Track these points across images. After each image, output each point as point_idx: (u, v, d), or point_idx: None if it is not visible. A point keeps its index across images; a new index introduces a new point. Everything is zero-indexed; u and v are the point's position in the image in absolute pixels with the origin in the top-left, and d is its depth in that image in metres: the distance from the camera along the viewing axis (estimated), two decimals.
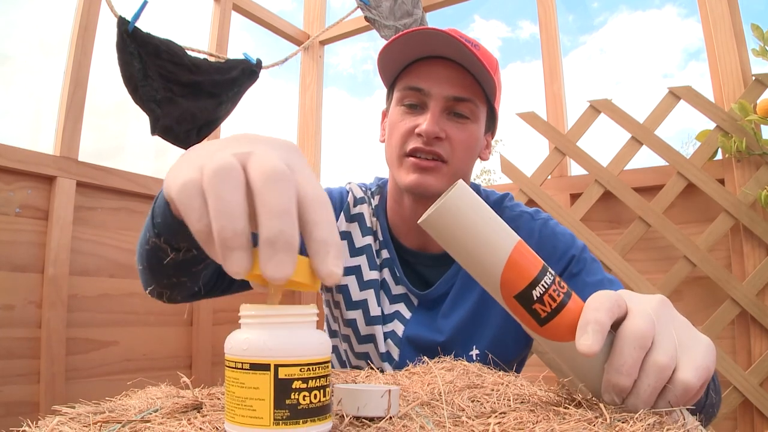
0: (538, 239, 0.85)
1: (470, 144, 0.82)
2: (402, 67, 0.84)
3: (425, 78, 0.81)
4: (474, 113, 0.82)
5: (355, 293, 0.89)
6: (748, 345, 1.41)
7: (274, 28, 2.21)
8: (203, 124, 1.63)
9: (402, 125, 0.81)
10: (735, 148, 1.44)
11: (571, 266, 0.83)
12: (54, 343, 1.36)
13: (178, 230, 0.52)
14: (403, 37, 0.79)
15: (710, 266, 1.45)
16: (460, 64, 0.80)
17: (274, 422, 0.32)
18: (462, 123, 0.81)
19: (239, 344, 0.34)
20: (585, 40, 25.44)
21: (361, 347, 0.89)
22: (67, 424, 0.38)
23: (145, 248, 0.59)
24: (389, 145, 0.84)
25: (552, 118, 1.78)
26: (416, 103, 0.82)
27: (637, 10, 25.12)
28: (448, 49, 0.79)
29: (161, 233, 0.54)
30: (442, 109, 0.80)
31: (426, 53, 0.81)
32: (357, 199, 0.93)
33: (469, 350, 0.83)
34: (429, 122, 0.78)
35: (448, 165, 0.80)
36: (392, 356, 0.86)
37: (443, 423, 0.38)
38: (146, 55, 1.48)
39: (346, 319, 0.90)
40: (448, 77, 0.80)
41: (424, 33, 0.78)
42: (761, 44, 1.43)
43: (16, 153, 1.34)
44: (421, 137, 0.78)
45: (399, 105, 0.84)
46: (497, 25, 25.31)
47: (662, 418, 0.38)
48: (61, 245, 1.40)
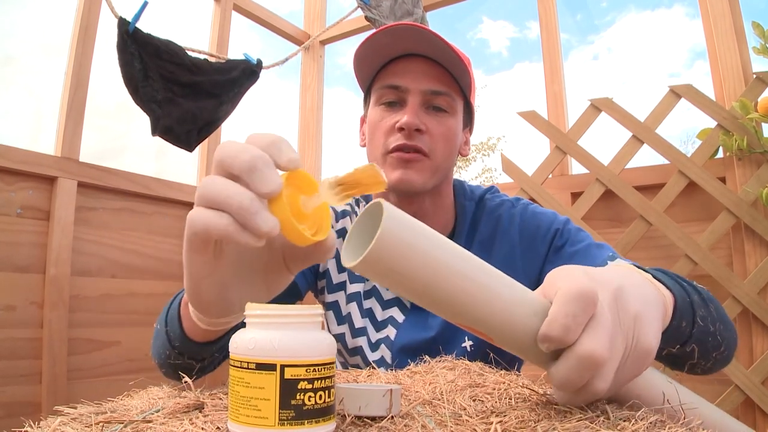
0: (520, 223, 0.86)
1: (450, 137, 0.83)
2: (378, 67, 0.84)
3: (402, 75, 0.81)
4: (452, 107, 0.83)
5: (343, 308, 0.90)
6: (749, 343, 1.41)
7: (275, 27, 2.21)
8: (204, 125, 1.63)
9: (383, 123, 0.82)
10: (736, 146, 1.44)
11: (556, 240, 0.84)
12: (56, 343, 1.36)
13: (199, 350, 0.56)
14: (376, 36, 0.79)
15: (711, 265, 1.44)
16: (435, 60, 0.80)
17: (279, 422, 0.32)
18: (441, 116, 0.82)
19: (245, 344, 0.34)
20: (593, 40, 25.39)
21: (352, 360, 0.90)
22: (69, 425, 0.38)
23: (167, 362, 0.60)
24: (371, 145, 0.84)
25: (553, 117, 1.78)
26: (395, 101, 0.82)
27: (646, 9, 25.07)
28: (422, 45, 0.79)
29: (183, 353, 0.57)
30: (420, 103, 0.80)
31: (400, 51, 0.81)
32: (338, 213, 0.93)
33: (462, 342, 0.83)
34: (409, 114, 0.78)
35: (430, 159, 0.80)
36: (386, 361, 0.85)
37: (445, 422, 0.38)
38: (147, 56, 1.48)
39: (334, 334, 0.90)
40: (425, 72, 0.80)
41: (398, 30, 0.78)
42: (762, 42, 1.43)
43: (18, 154, 1.34)
44: (403, 131, 0.79)
45: (377, 105, 0.84)
46: (505, 25, 25.27)
47: (663, 417, 0.38)
48: (62, 246, 1.40)
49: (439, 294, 0.38)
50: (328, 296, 0.91)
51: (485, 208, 0.90)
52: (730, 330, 0.63)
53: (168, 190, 1.70)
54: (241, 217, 0.36)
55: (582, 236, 0.84)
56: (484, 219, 0.88)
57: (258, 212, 0.36)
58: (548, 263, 0.84)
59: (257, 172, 0.36)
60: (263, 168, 0.36)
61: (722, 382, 1.37)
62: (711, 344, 0.57)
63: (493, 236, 0.87)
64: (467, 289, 0.38)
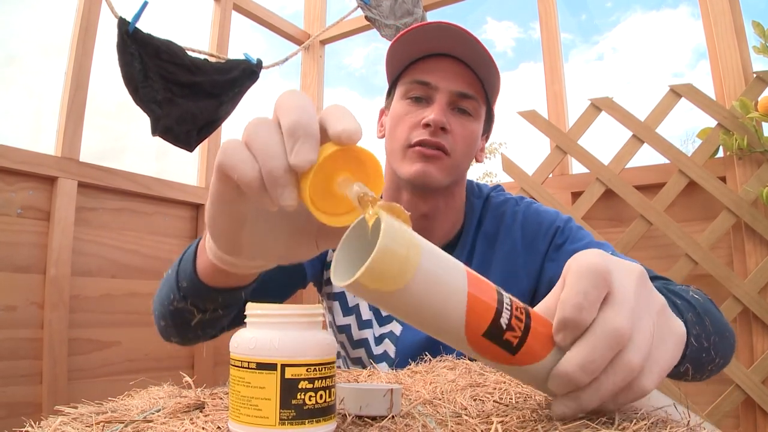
0: (522, 220, 0.87)
1: (471, 141, 0.83)
2: (410, 61, 0.85)
3: (433, 72, 0.81)
4: (476, 111, 0.83)
5: (350, 299, 0.90)
6: (750, 343, 1.41)
7: (275, 27, 2.21)
8: (204, 125, 1.63)
9: (408, 117, 0.82)
10: (736, 145, 1.44)
11: (556, 237, 0.84)
12: (56, 343, 1.36)
13: (206, 295, 0.54)
14: (415, 30, 0.80)
15: (712, 264, 1.44)
16: (466, 64, 0.81)
17: (279, 422, 0.32)
18: (464, 119, 0.82)
19: (246, 343, 0.34)
20: (597, 40, 25.40)
21: (355, 352, 0.90)
22: (69, 425, 0.38)
23: (169, 309, 0.59)
24: (392, 137, 0.84)
25: (553, 116, 1.78)
26: (422, 97, 0.82)
27: (651, 9, 25.08)
28: (460, 47, 0.79)
29: (188, 296, 0.55)
30: (447, 103, 0.81)
31: (436, 50, 0.82)
32: None
33: None
34: (437, 112, 0.78)
35: (450, 158, 0.81)
36: (389, 355, 0.86)
37: (445, 422, 0.38)
38: (147, 56, 1.48)
39: (339, 325, 0.90)
40: (456, 73, 0.81)
41: (438, 27, 0.78)
42: (762, 41, 1.43)
43: (18, 154, 1.34)
44: (428, 128, 0.79)
45: (404, 98, 0.84)
46: (510, 25, 25.31)
47: (665, 417, 0.38)
48: (62, 246, 1.40)
49: (435, 317, 0.34)
50: (335, 286, 0.90)
51: (490, 204, 0.91)
52: (725, 339, 0.62)
53: (168, 190, 1.70)
54: (268, 181, 0.35)
55: (583, 234, 0.84)
56: (489, 215, 0.90)
57: (284, 186, 0.35)
58: (548, 260, 0.84)
59: (292, 138, 0.34)
60: (302, 138, 0.34)
61: (722, 381, 1.37)
62: (705, 359, 0.57)
63: (496, 232, 0.88)
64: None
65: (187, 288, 0.55)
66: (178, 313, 0.58)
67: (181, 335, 0.64)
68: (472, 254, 0.88)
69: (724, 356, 0.61)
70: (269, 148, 0.35)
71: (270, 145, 0.35)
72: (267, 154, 0.35)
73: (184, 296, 0.56)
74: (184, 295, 0.56)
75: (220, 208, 0.41)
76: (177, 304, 0.57)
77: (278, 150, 0.35)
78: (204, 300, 0.55)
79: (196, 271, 0.53)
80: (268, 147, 0.35)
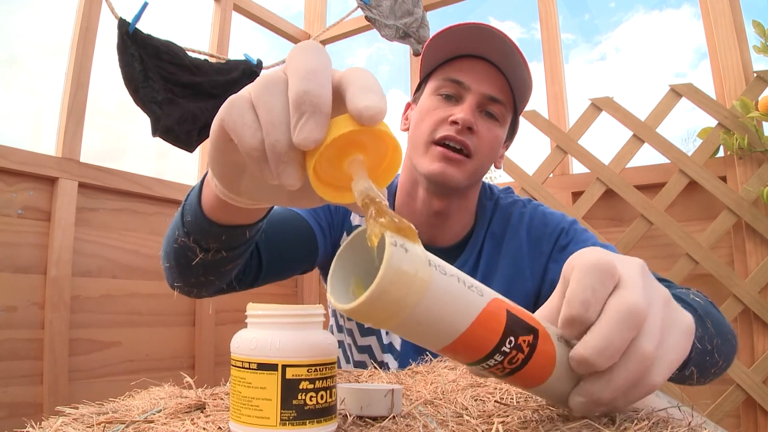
0: (528, 222, 0.88)
1: (494, 145, 0.84)
2: (447, 58, 0.85)
3: (467, 73, 0.82)
4: (503, 117, 0.84)
5: None
6: (751, 342, 1.40)
7: (275, 28, 2.21)
8: (204, 125, 1.63)
9: (436, 113, 0.82)
10: (737, 145, 1.44)
11: (561, 239, 0.85)
12: (57, 344, 1.36)
13: (208, 230, 0.53)
14: (456, 29, 0.80)
15: (712, 264, 1.44)
16: (500, 69, 0.81)
17: (280, 422, 0.32)
18: (491, 123, 0.83)
19: (247, 344, 0.34)
20: (600, 40, 25.36)
21: (364, 340, 0.90)
22: (70, 425, 0.38)
23: (173, 246, 0.59)
24: (417, 131, 0.84)
25: (553, 116, 1.78)
26: (452, 95, 0.83)
27: (654, 9, 25.06)
28: (498, 53, 0.80)
29: (191, 232, 0.54)
30: (476, 104, 0.81)
31: (474, 51, 0.82)
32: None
33: None
34: (466, 111, 0.79)
35: (473, 161, 0.81)
36: (394, 347, 0.86)
37: (446, 422, 0.38)
38: (147, 57, 1.48)
39: None
40: (489, 76, 0.81)
41: (479, 29, 0.79)
42: (762, 41, 1.43)
43: (18, 154, 1.34)
44: (456, 125, 0.79)
45: (434, 94, 0.84)
46: (512, 26, 25.36)
47: (666, 417, 0.38)
48: (63, 246, 1.40)
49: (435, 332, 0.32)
50: None
51: (499, 206, 0.92)
52: (728, 342, 0.61)
53: (169, 190, 1.70)
54: (270, 154, 0.31)
55: (587, 236, 0.85)
56: (497, 216, 0.91)
57: (287, 163, 0.31)
58: (552, 261, 0.85)
59: (298, 112, 0.30)
60: (309, 113, 0.30)
61: (723, 381, 1.37)
62: (709, 362, 0.57)
63: (503, 233, 0.89)
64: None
65: (191, 222, 0.54)
66: (181, 251, 0.57)
67: (183, 277, 0.62)
68: (480, 255, 0.88)
69: (726, 358, 0.61)
70: (274, 116, 0.31)
71: (275, 113, 0.31)
72: (271, 123, 0.31)
73: (188, 232, 0.55)
74: (188, 230, 0.55)
75: (220, 157, 0.38)
76: (180, 241, 0.56)
77: (284, 119, 0.31)
78: (207, 236, 0.54)
79: (201, 204, 0.52)
80: (273, 114, 0.31)
